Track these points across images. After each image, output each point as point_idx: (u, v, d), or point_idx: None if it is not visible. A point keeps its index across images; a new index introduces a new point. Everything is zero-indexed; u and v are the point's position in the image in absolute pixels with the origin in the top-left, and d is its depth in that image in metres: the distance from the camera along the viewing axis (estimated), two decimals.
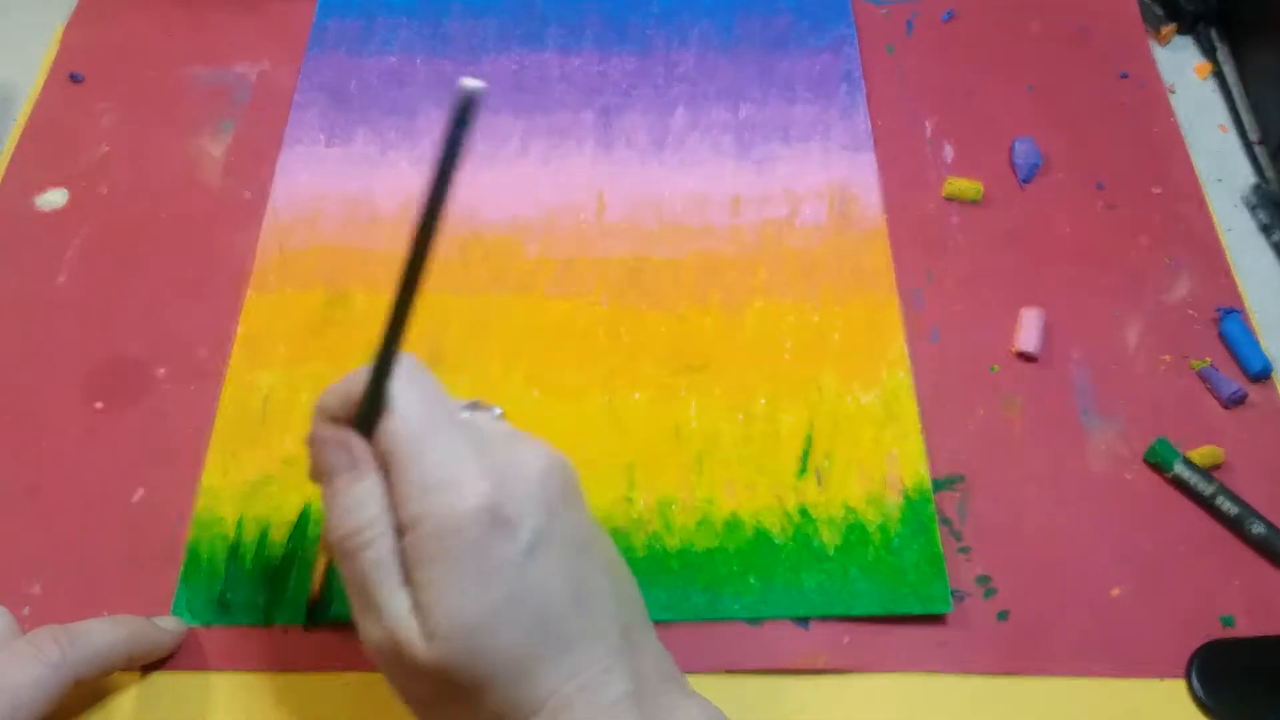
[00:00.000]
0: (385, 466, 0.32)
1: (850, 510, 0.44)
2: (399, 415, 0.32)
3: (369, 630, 0.32)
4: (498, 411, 0.36)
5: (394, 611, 0.31)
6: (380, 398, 0.32)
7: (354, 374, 0.33)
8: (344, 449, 0.32)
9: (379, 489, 0.32)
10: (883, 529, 0.44)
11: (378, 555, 0.31)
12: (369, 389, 0.32)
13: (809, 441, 0.46)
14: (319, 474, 0.34)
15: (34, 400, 0.47)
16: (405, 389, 0.32)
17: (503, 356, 0.49)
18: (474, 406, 0.35)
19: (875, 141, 0.56)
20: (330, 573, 0.40)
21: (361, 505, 0.32)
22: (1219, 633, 0.42)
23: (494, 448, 0.32)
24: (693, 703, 0.34)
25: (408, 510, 0.31)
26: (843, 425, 0.47)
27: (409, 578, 0.31)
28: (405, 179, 0.55)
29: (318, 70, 0.59)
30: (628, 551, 0.43)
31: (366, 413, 0.32)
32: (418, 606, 0.31)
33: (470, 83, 0.29)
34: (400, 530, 0.31)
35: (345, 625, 0.42)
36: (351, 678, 0.41)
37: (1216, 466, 0.46)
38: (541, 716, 0.31)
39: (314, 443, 0.34)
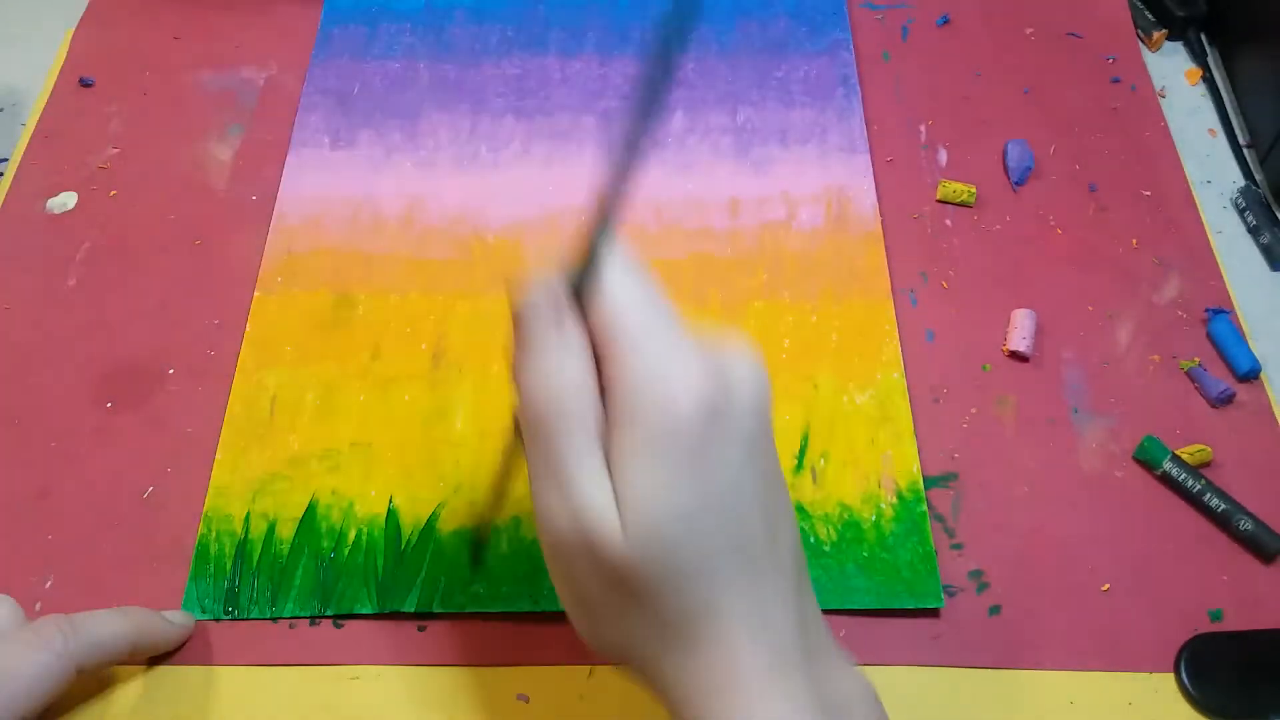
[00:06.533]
0: (596, 349, 0.30)
1: (846, 508, 0.45)
2: (621, 301, 0.30)
3: (555, 515, 0.30)
4: None
5: (591, 499, 0.29)
6: (596, 272, 0.30)
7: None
8: (555, 315, 0.30)
9: (589, 362, 0.30)
10: (877, 526, 0.45)
11: (582, 429, 0.29)
12: (586, 263, 0.30)
13: (806, 440, 0.47)
14: (517, 343, 0.31)
15: (46, 400, 0.48)
16: (624, 277, 0.30)
17: (504, 357, 0.49)
18: None
19: (871, 145, 0.57)
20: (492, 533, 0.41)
21: (567, 371, 0.30)
22: (1208, 627, 0.43)
23: (713, 350, 0.30)
24: (850, 673, 0.32)
25: (624, 397, 0.29)
26: (839, 425, 0.48)
27: (611, 467, 0.29)
28: (408, 181, 0.56)
29: (323, 75, 0.60)
30: None
31: (579, 287, 0.31)
32: (618, 498, 0.29)
33: None
34: (608, 414, 0.29)
35: (350, 620, 0.43)
36: (358, 671, 0.42)
37: (1205, 464, 0.47)
38: (708, 637, 0.29)
39: (522, 308, 0.31)
